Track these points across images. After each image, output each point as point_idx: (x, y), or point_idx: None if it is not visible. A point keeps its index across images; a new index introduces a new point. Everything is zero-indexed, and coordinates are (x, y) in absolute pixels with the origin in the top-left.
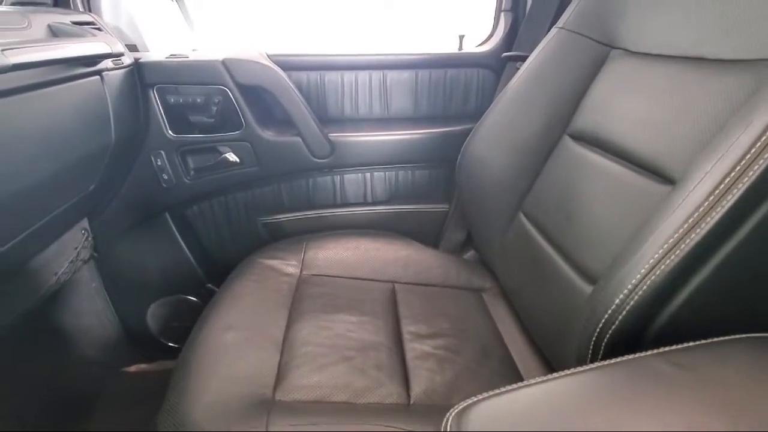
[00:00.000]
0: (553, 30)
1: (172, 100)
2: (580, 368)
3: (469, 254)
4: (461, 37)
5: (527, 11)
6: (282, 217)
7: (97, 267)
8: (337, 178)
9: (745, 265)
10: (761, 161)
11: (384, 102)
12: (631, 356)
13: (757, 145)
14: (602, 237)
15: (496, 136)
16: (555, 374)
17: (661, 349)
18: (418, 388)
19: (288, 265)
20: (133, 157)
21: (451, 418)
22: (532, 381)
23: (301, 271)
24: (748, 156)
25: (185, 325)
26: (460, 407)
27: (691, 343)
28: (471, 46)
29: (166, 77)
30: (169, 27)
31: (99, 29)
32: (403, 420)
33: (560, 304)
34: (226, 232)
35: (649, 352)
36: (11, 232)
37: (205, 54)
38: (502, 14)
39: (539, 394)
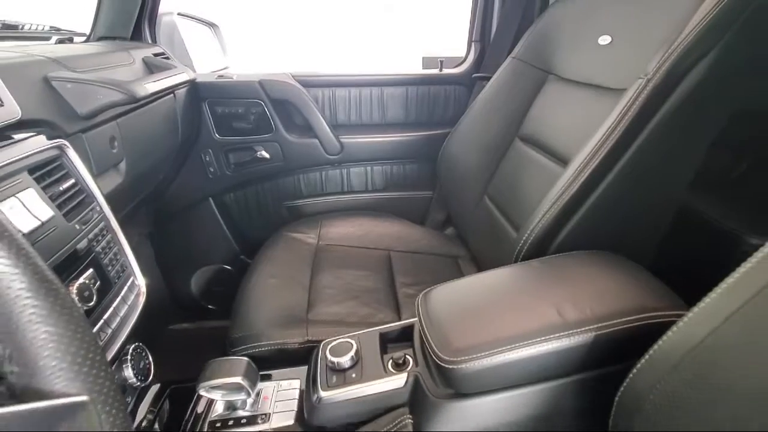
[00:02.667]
0: (509, 59)
1: (219, 110)
2: (496, 269)
3: (449, 230)
4: (441, 62)
5: (491, 42)
6: (301, 201)
7: (151, 240)
8: (345, 171)
9: (599, 214)
10: (602, 151)
11: (382, 111)
12: (524, 262)
13: (597, 144)
14: (527, 203)
15: (468, 138)
16: (481, 272)
17: (541, 258)
18: (406, 314)
19: (308, 237)
20: (187, 154)
21: (419, 298)
22: (468, 276)
23: (318, 242)
24: (593, 149)
25: (222, 289)
26: (424, 292)
27: (558, 254)
28: (448, 68)
29: (215, 93)
30: (208, 51)
31: (168, 58)
32: None
33: (505, 255)
34: (256, 213)
35: (534, 260)
36: (124, 205)
37: (246, 75)
38: (473, 44)
39: (470, 281)
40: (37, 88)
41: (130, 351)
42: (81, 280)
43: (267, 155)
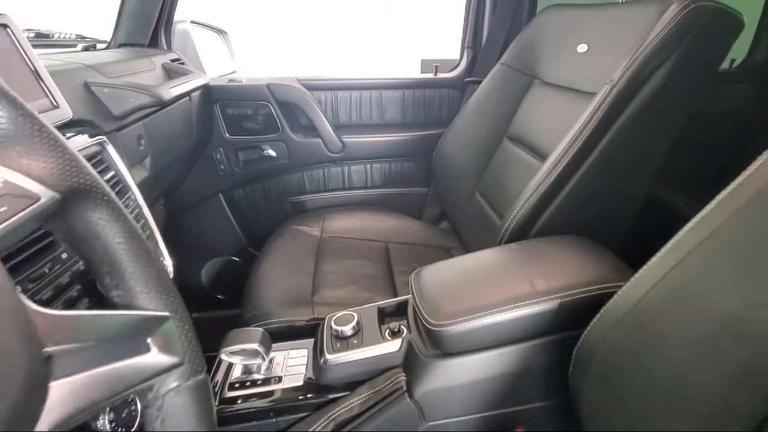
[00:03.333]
0: (498, 64)
1: (230, 111)
2: (480, 251)
3: (443, 224)
4: (436, 67)
5: (482, 49)
6: (305, 197)
7: (164, 234)
8: (346, 168)
9: (573, 203)
10: (574, 148)
11: (381, 113)
12: (504, 245)
13: (570, 141)
14: (512, 194)
15: (460, 138)
16: (468, 254)
17: (519, 241)
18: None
19: (312, 230)
20: (200, 152)
21: (412, 276)
22: (457, 257)
23: (321, 234)
24: (566, 145)
25: (230, 280)
26: (416, 270)
27: (534, 238)
28: (443, 71)
29: (227, 96)
30: (217, 56)
31: (183, 64)
32: None
33: (491, 243)
34: (263, 208)
35: (513, 243)
36: (147, 197)
37: (255, 79)
38: (466, 50)
39: (456, 260)
40: (79, 92)
41: None
42: None
43: (273, 153)
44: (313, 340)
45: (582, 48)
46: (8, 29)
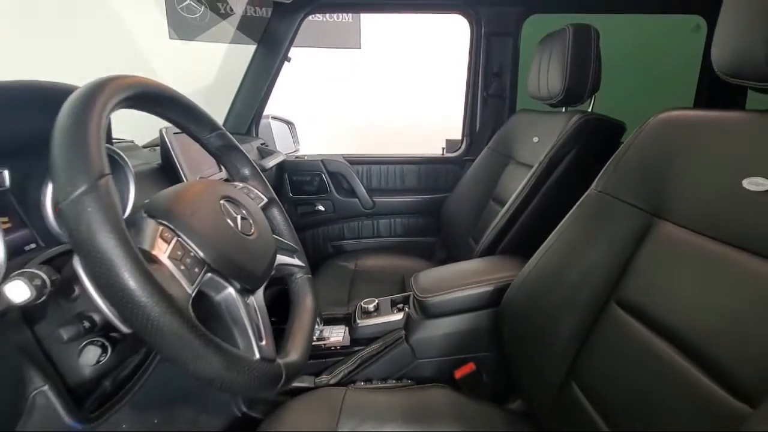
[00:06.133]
0: (486, 149)
1: (294, 178)
2: (459, 262)
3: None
4: (443, 149)
5: (476, 136)
6: (344, 242)
7: None
8: (375, 221)
9: (520, 234)
10: (519, 199)
11: (402, 180)
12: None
13: (515, 196)
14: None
15: (460, 200)
16: (454, 263)
17: (482, 257)
18: None
19: (349, 265)
20: None
21: (412, 279)
22: (442, 266)
23: (355, 268)
24: (514, 198)
25: (283, 303)
26: (415, 275)
27: (489, 256)
28: (449, 153)
29: (293, 167)
30: (286, 139)
31: (267, 146)
32: None
33: None
34: (311, 249)
35: (477, 258)
36: None
37: (312, 156)
38: (465, 137)
39: (442, 267)
40: None
41: None
42: None
43: (322, 209)
44: (347, 324)
45: (535, 139)
46: None
